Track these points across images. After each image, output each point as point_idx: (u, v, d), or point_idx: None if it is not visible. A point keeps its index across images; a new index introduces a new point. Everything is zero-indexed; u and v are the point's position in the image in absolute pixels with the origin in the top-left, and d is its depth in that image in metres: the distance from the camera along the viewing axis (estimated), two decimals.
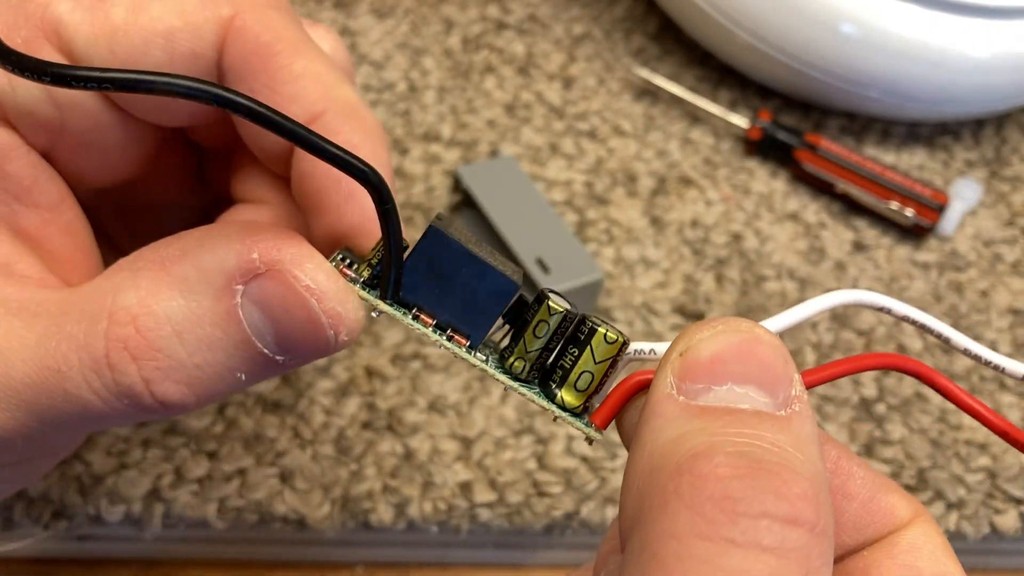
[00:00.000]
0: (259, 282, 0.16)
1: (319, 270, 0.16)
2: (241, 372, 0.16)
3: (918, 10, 0.33)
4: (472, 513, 0.26)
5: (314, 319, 0.16)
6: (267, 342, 0.16)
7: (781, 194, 0.34)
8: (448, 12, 0.39)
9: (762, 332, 0.15)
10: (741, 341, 0.15)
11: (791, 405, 0.14)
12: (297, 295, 0.16)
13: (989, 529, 0.27)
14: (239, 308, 0.16)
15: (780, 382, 0.15)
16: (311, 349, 0.16)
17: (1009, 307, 0.32)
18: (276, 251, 0.16)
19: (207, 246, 0.16)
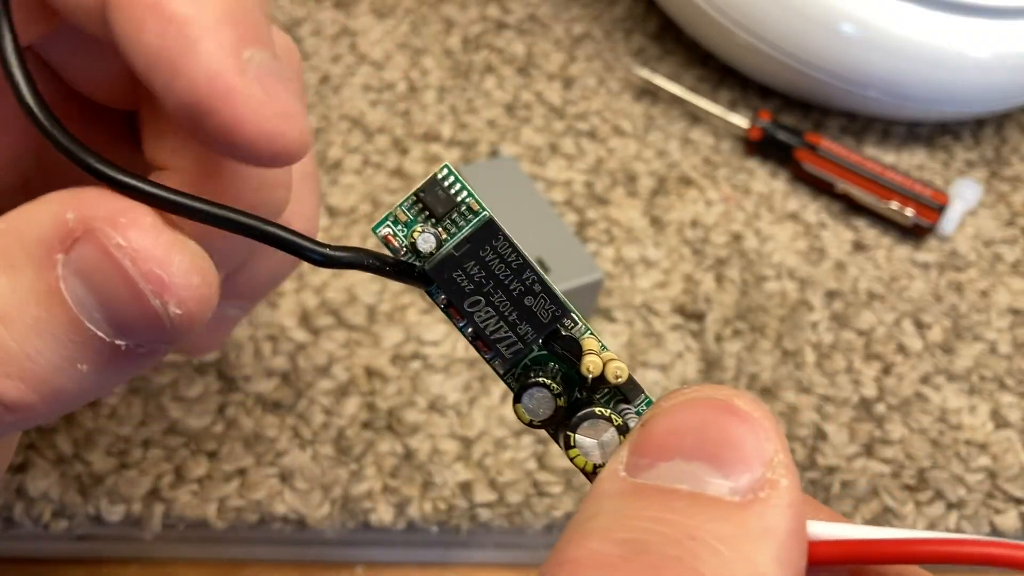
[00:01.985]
0: (77, 248, 0.13)
1: (134, 225, 0.13)
2: (81, 362, 0.14)
3: (918, 10, 0.33)
4: (472, 513, 0.26)
5: (131, 285, 0.13)
6: (97, 321, 0.14)
7: (781, 194, 0.34)
8: (448, 12, 0.39)
9: (741, 402, 0.13)
10: (708, 410, 0.13)
11: (757, 490, 0.12)
12: (110, 256, 0.13)
13: (989, 529, 0.27)
14: (61, 281, 0.13)
15: (743, 461, 0.12)
16: (145, 327, 0.14)
17: (1009, 307, 0.32)
18: (91, 208, 0.13)
19: (30, 215, 0.14)
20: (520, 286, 0.16)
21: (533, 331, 0.16)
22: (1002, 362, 0.30)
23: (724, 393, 0.13)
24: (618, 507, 0.12)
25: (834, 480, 0.27)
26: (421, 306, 0.29)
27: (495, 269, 0.16)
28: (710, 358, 0.29)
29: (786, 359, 0.30)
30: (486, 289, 0.15)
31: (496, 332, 0.16)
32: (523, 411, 0.16)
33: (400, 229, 0.16)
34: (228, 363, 0.27)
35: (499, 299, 0.16)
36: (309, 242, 0.14)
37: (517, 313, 0.16)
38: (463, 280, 0.15)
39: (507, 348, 0.16)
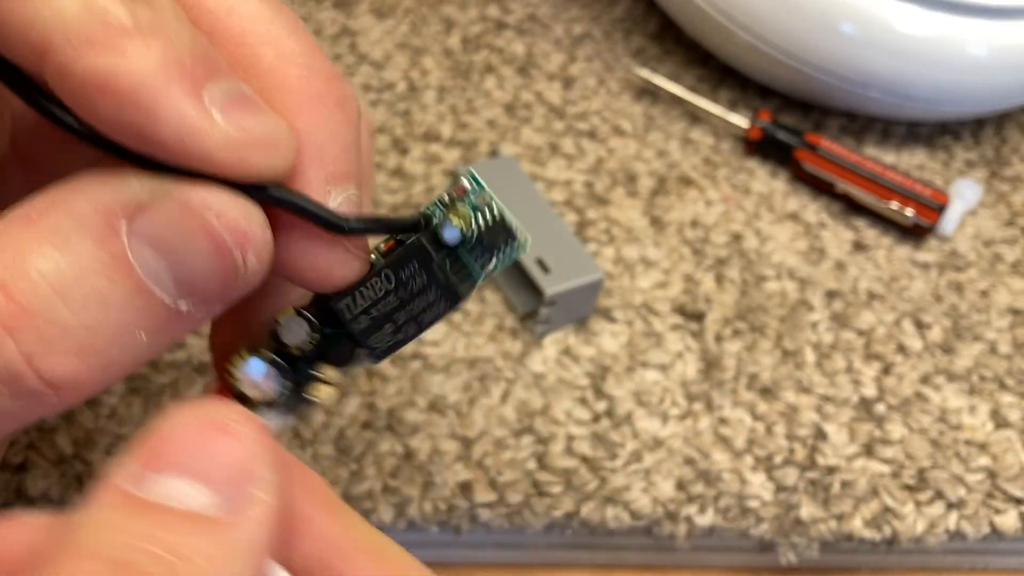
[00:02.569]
0: (147, 215, 0.14)
1: (211, 186, 0.14)
2: (140, 329, 0.14)
3: (918, 10, 0.33)
4: (472, 513, 0.26)
5: (216, 239, 0.14)
6: (165, 285, 0.14)
7: (781, 194, 0.34)
8: (448, 12, 0.39)
9: (234, 424, 0.13)
10: (201, 426, 0.13)
11: (244, 509, 0.13)
12: (193, 215, 0.14)
13: (989, 529, 0.27)
14: (127, 249, 0.13)
15: (228, 478, 0.13)
16: (216, 283, 0.14)
17: (1009, 307, 0.32)
18: (159, 177, 0.14)
19: (77, 189, 0.14)
20: (412, 312, 0.17)
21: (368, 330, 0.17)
22: (1002, 362, 0.30)
23: (216, 410, 0.13)
24: (112, 520, 0.12)
25: (834, 480, 0.27)
26: None
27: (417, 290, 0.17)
28: (710, 358, 0.29)
29: (786, 359, 0.30)
30: (407, 292, 0.17)
31: (376, 306, 0.17)
32: (284, 331, 0.17)
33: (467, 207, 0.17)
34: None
35: (403, 302, 0.17)
36: (329, 213, 0.15)
37: (394, 314, 0.17)
38: (410, 274, 0.17)
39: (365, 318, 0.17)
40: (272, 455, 0.14)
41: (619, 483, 0.26)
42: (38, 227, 0.13)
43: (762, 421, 0.28)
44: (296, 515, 0.15)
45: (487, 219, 0.17)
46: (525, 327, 0.29)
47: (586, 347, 0.29)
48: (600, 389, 0.28)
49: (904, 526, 0.26)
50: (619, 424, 0.27)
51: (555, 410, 0.27)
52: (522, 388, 0.28)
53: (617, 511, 0.26)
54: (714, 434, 0.28)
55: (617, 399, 0.28)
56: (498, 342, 0.29)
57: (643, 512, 0.26)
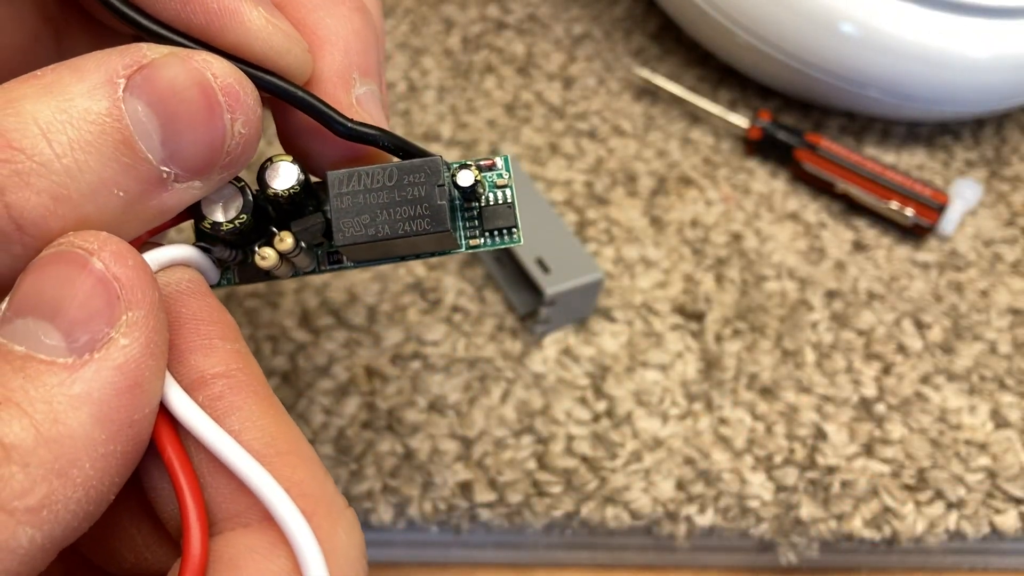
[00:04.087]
0: (146, 71, 0.14)
1: (214, 56, 0.14)
2: (119, 188, 0.14)
3: (918, 10, 0.33)
4: (472, 513, 0.26)
5: (209, 96, 0.14)
6: (152, 143, 0.14)
7: (781, 194, 0.34)
8: (448, 12, 0.39)
9: (102, 256, 0.13)
10: (66, 264, 0.13)
11: (91, 350, 0.12)
12: (192, 70, 0.14)
13: (989, 529, 0.27)
14: (121, 102, 0.14)
15: (85, 319, 0.13)
16: (202, 149, 0.14)
17: (1009, 307, 0.32)
18: (169, 47, 0.14)
19: (89, 56, 0.14)
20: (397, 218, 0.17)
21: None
22: (1002, 362, 0.30)
23: (87, 245, 0.13)
24: None
25: (834, 480, 0.27)
26: (421, 306, 0.30)
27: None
28: (710, 358, 0.29)
29: (786, 359, 0.30)
30: (400, 195, 0.17)
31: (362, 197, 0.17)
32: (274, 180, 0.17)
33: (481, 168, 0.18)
34: None
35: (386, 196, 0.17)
36: (335, 112, 0.16)
37: (377, 209, 0.17)
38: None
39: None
40: (146, 290, 0.13)
41: (619, 483, 0.26)
42: (42, 80, 0.14)
43: (762, 421, 0.28)
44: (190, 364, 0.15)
45: (497, 200, 0.18)
46: (525, 327, 0.29)
47: (586, 347, 0.29)
48: (600, 389, 0.28)
49: (904, 526, 0.26)
50: (619, 424, 0.27)
51: (555, 410, 0.27)
52: (522, 388, 0.28)
53: (617, 511, 0.26)
54: (714, 434, 0.28)
55: (617, 399, 0.28)
56: (498, 342, 0.29)
57: (643, 512, 0.26)
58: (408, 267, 0.30)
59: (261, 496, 0.14)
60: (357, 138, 0.16)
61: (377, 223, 0.16)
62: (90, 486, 0.13)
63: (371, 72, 0.17)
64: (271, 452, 0.14)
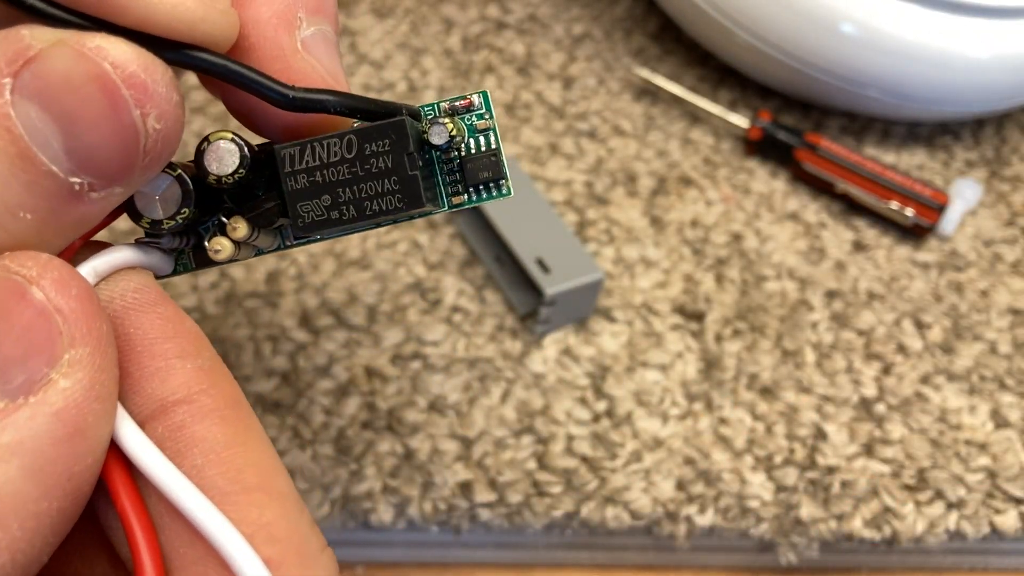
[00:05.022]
0: (33, 66, 0.11)
1: (112, 40, 0.12)
2: (24, 209, 0.12)
3: (918, 10, 0.33)
4: (472, 513, 0.26)
5: (111, 92, 0.12)
6: (54, 152, 0.12)
7: (781, 194, 0.34)
8: (448, 12, 0.39)
9: (42, 285, 0.11)
10: (3, 292, 0.11)
11: (27, 393, 0.11)
12: (86, 61, 0.12)
13: (989, 529, 0.27)
14: (10, 107, 0.11)
15: (22, 358, 0.11)
16: (114, 151, 0.12)
17: (1009, 307, 0.32)
18: (51, 31, 0.12)
19: None
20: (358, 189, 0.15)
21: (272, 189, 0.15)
22: (1002, 362, 0.30)
23: (24, 271, 0.11)
24: None
25: (834, 480, 0.27)
26: (421, 306, 0.30)
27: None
28: (710, 358, 0.29)
29: (786, 359, 0.30)
30: (363, 169, 0.14)
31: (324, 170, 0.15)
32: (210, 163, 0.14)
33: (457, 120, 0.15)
34: (228, 363, 0.27)
35: (347, 175, 0.15)
36: (270, 81, 0.14)
37: (339, 187, 0.15)
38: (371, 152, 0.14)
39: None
40: (93, 323, 0.12)
41: (619, 483, 0.26)
42: None
43: (762, 421, 0.28)
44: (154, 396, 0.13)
45: (479, 146, 0.15)
46: (525, 327, 0.29)
47: (586, 347, 0.29)
48: (600, 389, 0.28)
49: (904, 526, 0.26)
50: (619, 424, 0.27)
51: (555, 410, 0.27)
52: (522, 388, 0.28)
53: (617, 511, 0.26)
54: (714, 434, 0.28)
55: (617, 399, 0.28)
56: (498, 342, 0.29)
57: (643, 512, 0.26)
58: (408, 267, 0.30)
59: (217, 545, 0.12)
60: (303, 107, 0.14)
61: (340, 205, 0.14)
62: (17, 549, 0.11)
63: (321, 8, 0.14)
64: (235, 489, 0.13)
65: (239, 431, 0.13)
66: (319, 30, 0.15)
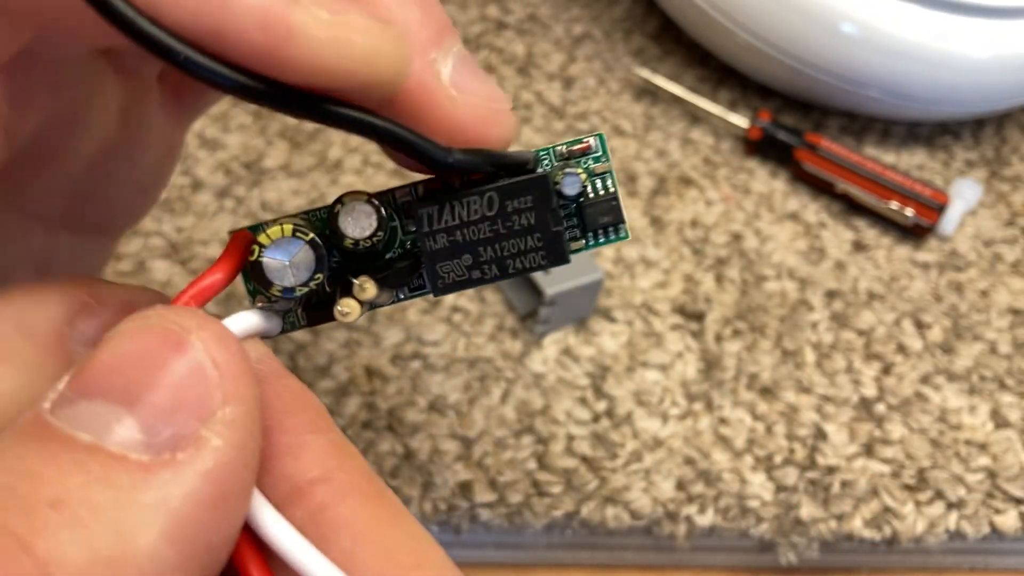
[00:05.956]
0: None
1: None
2: None
3: (918, 10, 0.33)
4: (472, 513, 0.26)
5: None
6: None
7: (781, 194, 0.34)
8: (448, 12, 0.39)
9: (200, 334, 0.10)
10: (154, 340, 0.10)
11: (175, 449, 0.10)
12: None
13: (989, 529, 0.27)
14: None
15: (171, 410, 0.10)
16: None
17: (1009, 307, 0.32)
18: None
19: (27, 300, 0.12)
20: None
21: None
22: (1002, 362, 0.30)
23: (182, 323, 0.10)
24: (8, 449, 0.10)
25: (834, 480, 0.27)
26: (422, 306, 0.30)
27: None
28: (710, 358, 0.29)
29: (786, 359, 0.30)
30: (506, 227, 0.14)
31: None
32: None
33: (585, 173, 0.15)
34: None
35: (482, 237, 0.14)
36: (429, 144, 0.13)
37: (480, 247, 0.14)
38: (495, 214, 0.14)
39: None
40: (247, 383, 0.11)
41: (619, 483, 0.26)
42: None
43: (762, 421, 0.28)
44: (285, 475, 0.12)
45: (597, 190, 0.15)
46: (525, 327, 0.29)
47: (586, 347, 0.29)
48: (600, 389, 0.28)
49: (904, 526, 0.26)
50: (619, 424, 0.27)
51: (555, 410, 0.27)
52: (522, 388, 0.28)
53: (617, 511, 0.26)
54: (714, 434, 0.28)
55: (617, 399, 0.28)
56: (498, 342, 0.29)
57: (643, 512, 0.26)
58: None
59: None
60: (458, 169, 0.13)
61: (481, 264, 0.14)
62: None
63: (444, 31, 0.13)
64: (395, 571, 0.11)
65: (383, 507, 0.12)
66: (456, 54, 0.13)
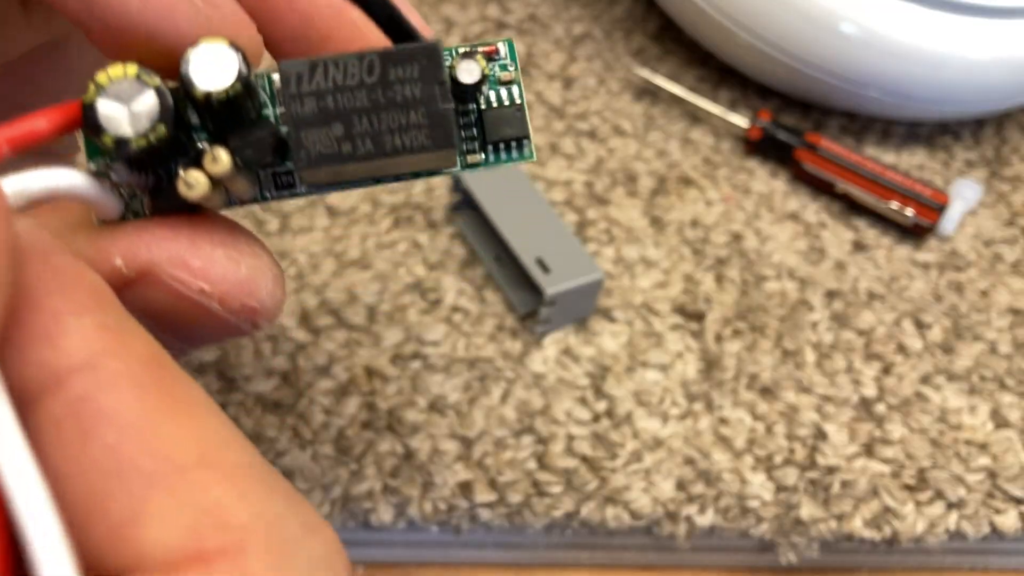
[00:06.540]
0: (133, 292, 0.12)
1: (212, 260, 0.12)
2: None
3: (918, 10, 0.33)
4: (472, 513, 0.26)
5: (219, 321, 0.12)
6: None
7: (781, 194, 0.34)
8: (448, 12, 0.39)
9: None
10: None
11: None
12: (191, 304, 0.12)
13: (989, 529, 0.27)
14: None
15: None
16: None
17: (1009, 307, 0.32)
18: (145, 249, 0.12)
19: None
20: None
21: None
22: (1002, 362, 0.30)
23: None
24: None
25: (834, 480, 0.27)
26: (421, 306, 0.30)
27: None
28: (710, 358, 0.29)
29: (786, 359, 0.30)
30: (386, 97, 0.12)
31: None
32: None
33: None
34: (228, 363, 0.27)
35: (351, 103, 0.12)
36: None
37: (354, 116, 0.12)
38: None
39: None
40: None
41: (619, 483, 0.26)
42: None
43: (762, 421, 0.28)
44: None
45: (502, 100, 0.14)
46: (525, 327, 0.29)
47: (586, 347, 0.29)
48: (600, 389, 0.28)
49: (904, 526, 0.26)
50: (619, 424, 0.27)
51: (555, 410, 0.27)
52: (522, 388, 0.28)
53: (617, 511, 0.26)
54: (714, 434, 0.28)
55: (617, 399, 0.28)
56: (498, 342, 0.29)
57: (643, 512, 0.26)
58: (408, 267, 0.30)
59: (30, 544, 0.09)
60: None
61: (354, 136, 0.12)
62: None
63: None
64: (166, 469, 0.10)
65: (162, 398, 0.11)
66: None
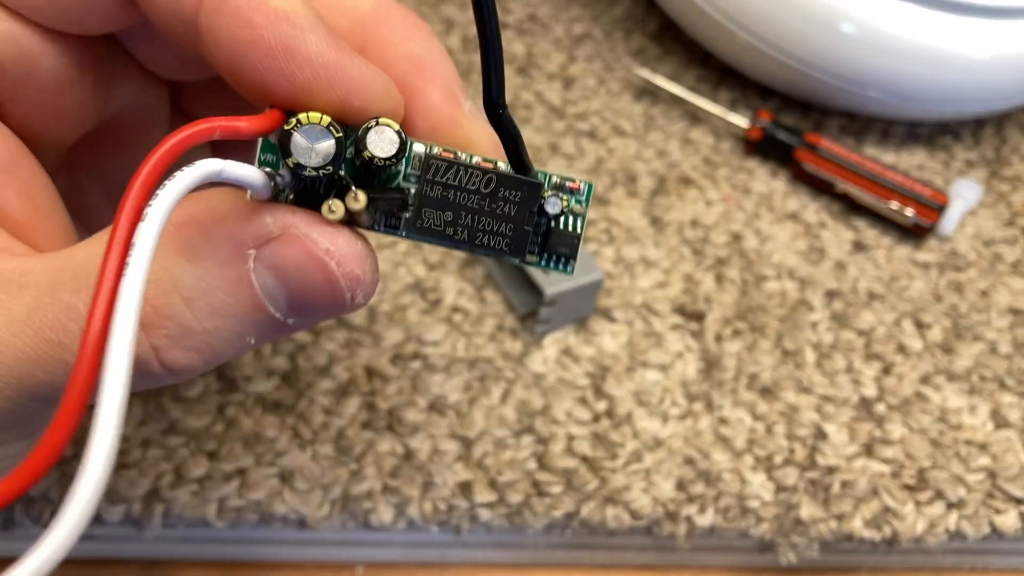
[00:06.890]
0: (272, 247, 0.15)
1: (338, 233, 0.16)
2: (251, 336, 0.16)
3: (918, 10, 0.33)
4: (472, 513, 0.26)
5: (333, 282, 0.16)
6: (280, 306, 0.16)
7: (781, 194, 0.34)
8: (448, 12, 0.39)
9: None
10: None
11: None
12: (315, 259, 0.15)
13: (989, 529, 0.27)
14: (252, 273, 0.15)
15: None
16: (326, 311, 0.16)
17: (1009, 307, 0.32)
18: (290, 215, 0.15)
19: (208, 211, 0.15)
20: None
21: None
22: (1002, 362, 0.30)
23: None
24: None
25: (834, 480, 0.27)
26: (421, 306, 0.30)
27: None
28: (710, 358, 0.29)
29: (786, 359, 0.30)
30: (490, 207, 0.17)
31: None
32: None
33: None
34: (228, 363, 0.27)
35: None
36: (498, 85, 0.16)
37: (463, 211, 0.17)
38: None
39: None
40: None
41: (619, 483, 0.26)
42: (174, 239, 0.15)
43: (762, 421, 0.28)
44: None
45: (567, 226, 0.17)
46: (525, 327, 0.29)
47: (586, 347, 0.29)
48: (600, 389, 0.28)
49: (904, 526, 0.26)
50: (619, 424, 0.27)
51: (555, 410, 0.27)
52: (522, 388, 0.28)
53: (617, 511, 0.26)
54: (714, 434, 0.28)
55: (617, 399, 0.28)
56: (498, 342, 0.29)
57: (643, 512, 0.26)
58: (408, 267, 0.30)
59: None
60: (501, 125, 0.16)
61: (457, 225, 0.16)
62: None
63: (460, 87, 0.18)
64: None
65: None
66: (474, 103, 0.18)
